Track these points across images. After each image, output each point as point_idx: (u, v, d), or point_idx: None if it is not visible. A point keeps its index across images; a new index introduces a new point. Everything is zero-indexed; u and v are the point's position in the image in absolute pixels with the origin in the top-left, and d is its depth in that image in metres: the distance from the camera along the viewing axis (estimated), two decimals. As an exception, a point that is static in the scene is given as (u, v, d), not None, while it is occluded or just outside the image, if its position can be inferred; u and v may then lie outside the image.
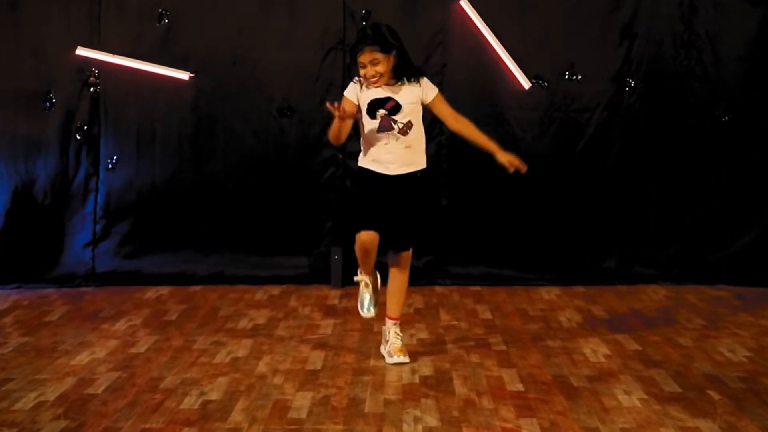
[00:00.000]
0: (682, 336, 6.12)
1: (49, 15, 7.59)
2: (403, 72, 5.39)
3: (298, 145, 7.65)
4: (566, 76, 7.62)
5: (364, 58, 5.31)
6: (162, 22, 7.60)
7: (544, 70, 7.65)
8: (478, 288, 7.56)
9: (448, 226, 7.72)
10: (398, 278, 5.64)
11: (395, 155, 5.42)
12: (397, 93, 5.39)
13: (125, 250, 7.79)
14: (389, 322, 5.64)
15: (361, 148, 5.53)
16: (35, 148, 7.65)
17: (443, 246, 7.71)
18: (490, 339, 6.06)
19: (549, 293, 7.41)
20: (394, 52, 5.33)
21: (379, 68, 5.30)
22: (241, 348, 5.81)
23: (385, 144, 5.42)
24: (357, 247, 5.47)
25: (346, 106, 5.31)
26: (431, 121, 7.55)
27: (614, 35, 7.60)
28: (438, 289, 7.50)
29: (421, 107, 5.45)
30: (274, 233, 7.77)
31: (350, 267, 7.30)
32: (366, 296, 5.69)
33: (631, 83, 7.61)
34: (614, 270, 7.74)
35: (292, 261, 7.75)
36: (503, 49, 7.59)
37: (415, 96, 5.41)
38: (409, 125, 5.40)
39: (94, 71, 7.61)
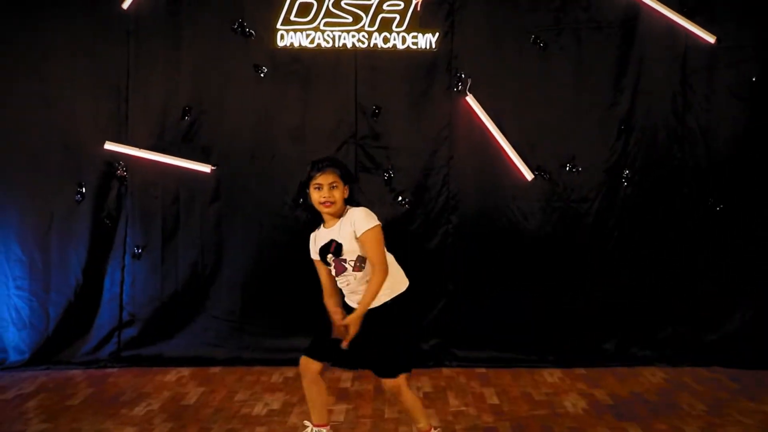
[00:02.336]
0: (688, 425, 5.44)
1: (80, 112, 7.05)
2: (345, 207, 4.75)
3: (311, 233, 7.05)
4: (567, 168, 7.03)
5: (324, 179, 4.67)
6: (185, 118, 7.05)
7: (546, 162, 7.07)
8: (483, 370, 6.87)
9: (454, 311, 7.08)
10: (401, 402, 4.87)
11: (358, 293, 4.73)
12: (337, 233, 4.73)
13: (149, 333, 7.12)
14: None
15: None
16: (67, 236, 7.04)
17: (449, 329, 7.07)
18: (498, 427, 5.38)
19: (552, 375, 6.72)
20: (348, 186, 4.73)
21: (336, 194, 4.67)
22: (255, 437, 5.16)
23: (347, 285, 4.77)
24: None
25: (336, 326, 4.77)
26: (440, 210, 7.03)
27: (612, 129, 7.03)
28: (445, 371, 6.82)
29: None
30: (290, 316, 7.11)
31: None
32: None
33: (627, 175, 7.01)
34: (612, 352, 7.06)
35: (307, 343, 7.08)
36: (507, 142, 7.03)
37: (350, 231, 4.68)
38: (360, 260, 4.69)
39: (121, 164, 7.05)
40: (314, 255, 4.85)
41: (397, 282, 4.71)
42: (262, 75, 7.04)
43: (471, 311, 7.07)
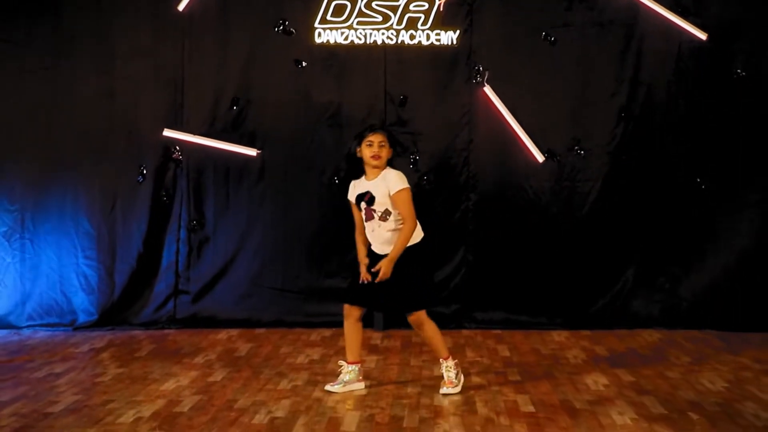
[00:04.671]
0: (671, 370, 6.52)
1: (141, 103, 8.20)
2: (386, 167, 5.92)
3: (345, 210, 8.09)
4: (573, 151, 8.09)
5: (375, 137, 5.86)
6: (233, 108, 8.18)
7: (555, 145, 8.12)
8: (498, 331, 7.99)
9: (474, 279, 8.17)
10: (421, 335, 6.06)
11: (382, 238, 5.88)
12: (374, 186, 5.88)
13: (201, 298, 8.29)
14: (441, 362, 6.00)
15: None
16: (129, 212, 8.22)
17: (469, 295, 8.16)
18: (508, 372, 6.50)
19: (559, 335, 7.82)
20: (392, 150, 5.92)
21: (383, 152, 5.86)
22: (300, 378, 6.29)
23: (372, 231, 5.93)
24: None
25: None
26: (461, 188, 8.11)
27: (613, 116, 8.07)
28: (465, 332, 7.92)
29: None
30: (326, 285, 8.25)
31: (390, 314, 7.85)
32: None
33: (626, 157, 8.06)
34: (615, 315, 8.12)
35: (341, 308, 8.15)
36: (520, 127, 8.07)
37: (384, 189, 5.84)
38: (386, 213, 5.84)
39: (177, 148, 8.19)
40: (351, 197, 6.04)
41: (417, 231, 5.87)
42: (301, 68, 8.15)
43: (488, 279, 8.16)
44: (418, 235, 5.90)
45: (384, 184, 5.83)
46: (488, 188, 8.16)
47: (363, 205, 5.92)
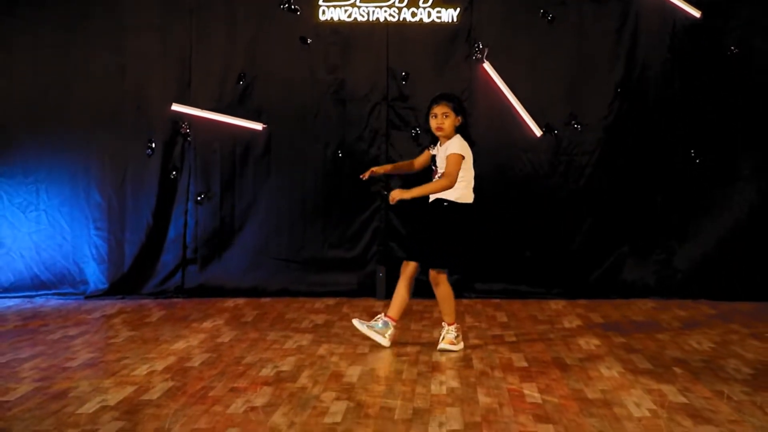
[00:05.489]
0: (661, 333, 6.88)
1: (150, 79, 8.57)
2: (455, 134, 6.28)
3: (350, 183, 8.46)
4: (570, 126, 8.44)
5: (438, 109, 6.24)
6: (240, 83, 8.54)
7: (553, 120, 8.48)
8: (498, 300, 8.36)
9: (474, 251, 8.50)
10: (436, 292, 6.37)
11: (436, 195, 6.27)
12: (441, 150, 6.28)
13: (208, 268, 8.67)
14: (444, 327, 6.37)
15: None
16: (139, 185, 8.61)
17: (469, 266, 8.52)
18: (504, 334, 6.87)
19: (556, 304, 8.19)
20: (461, 116, 6.27)
21: (447, 122, 6.21)
22: (305, 339, 6.66)
23: None
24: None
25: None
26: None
27: (609, 92, 8.43)
28: (465, 301, 8.27)
29: None
30: (330, 255, 8.64)
31: (393, 283, 8.17)
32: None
33: (621, 131, 8.41)
34: (611, 286, 8.49)
35: (345, 278, 8.60)
36: (519, 103, 8.43)
37: (444, 152, 6.23)
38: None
39: (185, 123, 8.56)
40: (432, 151, 6.44)
41: (463, 195, 6.23)
42: (306, 45, 8.50)
43: (488, 250, 8.52)
44: (466, 197, 6.26)
45: (445, 148, 6.23)
46: (487, 162, 8.38)
47: (433, 165, 6.37)
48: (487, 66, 8.44)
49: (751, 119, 8.35)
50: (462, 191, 6.23)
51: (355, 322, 6.41)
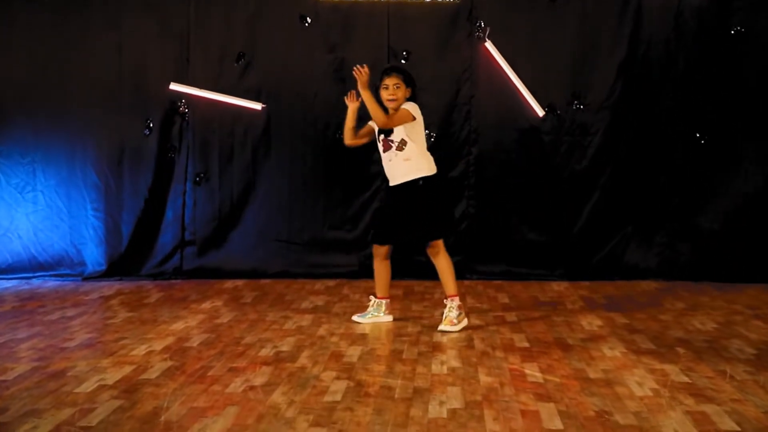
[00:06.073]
0: (664, 314, 6.90)
1: (148, 57, 8.57)
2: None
3: (348, 164, 8.50)
4: (573, 106, 8.43)
5: (389, 81, 6.33)
6: (239, 62, 8.54)
7: (556, 100, 8.46)
8: (499, 282, 8.39)
9: (475, 231, 8.55)
10: (436, 263, 6.46)
11: (398, 168, 6.33)
12: None
13: (207, 250, 8.69)
14: (446, 300, 6.43)
15: None
16: (136, 165, 8.61)
17: (471, 247, 8.54)
18: (506, 315, 6.89)
19: (559, 286, 8.21)
20: (411, 88, 6.37)
21: (399, 93, 6.31)
22: (305, 320, 6.68)
23: (390, 161, 6.38)
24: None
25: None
26: (462, 142, 8.46)
27: (612, 72, 8.40)
28: (466, 282, 8.28)
29: (414, 128, 6.29)
30: (330, 236, 8.66)
31: (392, 264, 8.16)
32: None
33: (625, 111, 8.40)
34: (614, 267, 8.49)
35: (345, 259, 8.61)
36: (521, 82, 8.40)
37: None
38: (402, 142, 6.28)
39: (183, 102, 8.56)
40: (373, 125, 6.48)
41: (427, 167, 6.31)
42: (306, 24, 8.50)
43: (490, 231, 8.55)
44: (431, 169, 6.35)
45: None
46: (489, 142, 8.52)
47: (381, 137, 6.37)
48: (488, 45, 8.43)
49: (757, 100, 8.33)
50: (429, 163, 6.35)
51: (355, 318, 6.60)
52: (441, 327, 6.28)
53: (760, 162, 8.36)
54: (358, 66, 6.24)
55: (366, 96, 6.19)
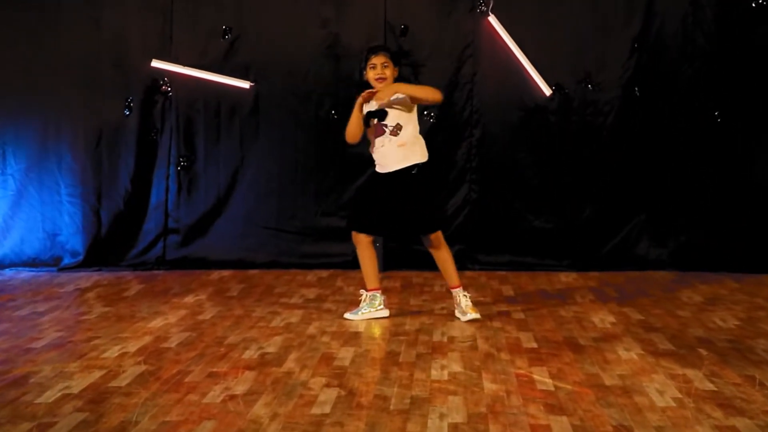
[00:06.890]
0: (682, 309, 6.52)
1: (128, 33, 8.19)
2: None
3: (342, 146, 8.07)
4: (583, 84, 8.04)
5: (377, 59, 5.99)
6: (226, 38, 8.15)
7: (564, 79, 8.09)
8: (503, 273, 8.01)
9: (477, 219, 8.17)
10: (438, 256, 6.15)
11: (391, 155, 5.98)
12: (373, 104, 5.99)
13: (192, 239, 8.34)
14: (454, 290, 6.17)
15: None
16: (116, 148, 8.24)
17: (473, 236, 8.17)
18: (511, 310, 6.51)
19: (567, 277, 7.85)
20: (398, 67, 6.05)
21: (387, 72, 5.97)
22: (294, 316, 6.30)
23: (382, 146, 6.01)
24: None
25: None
26: (464, 123, 8.09)
27: (625, 48, 8.02)
28: (468, 273, 7.92)
29: (410, 112, 5.96)
30: (323, 224, 8.29)
31: (389, 254, 7.85)
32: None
33: (639, 90, 8.01)
34: (626, 257, 8.14)
35: (339, 248, 8.23)
36: (527, 60, 8.04)
37: (398, 101, 5.93)
38: (398, 127, 5.94)
39: (166, 81, 8.17)
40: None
41: (420, 154, 6.00)
42: (297, -3, 8.13)
43: (493, 218, 8.18)
44: (424, 155, 6.04)
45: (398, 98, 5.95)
46: (493, 123, 8.15)
47: (374, 122, 6.01)
48: (492, 19, 8.06)
49: (779, 77, 7.94)
50: (422, 149, 6.04)
51: (347, 315, 6.20)
52: (467, 317, 6.09)
53: (781, 145, 7.97)
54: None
55: (394, 87, 5.90)
